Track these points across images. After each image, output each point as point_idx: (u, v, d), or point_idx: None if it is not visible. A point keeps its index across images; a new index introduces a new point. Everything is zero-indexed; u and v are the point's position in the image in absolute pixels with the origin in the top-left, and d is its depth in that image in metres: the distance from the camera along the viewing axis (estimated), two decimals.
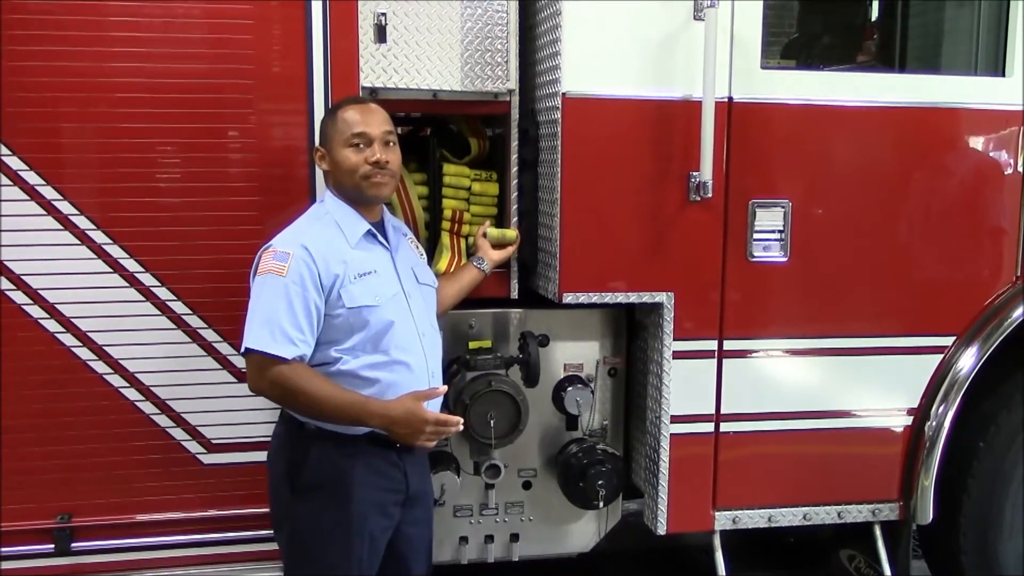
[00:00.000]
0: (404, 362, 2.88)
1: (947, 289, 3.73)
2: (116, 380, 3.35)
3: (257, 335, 2.72)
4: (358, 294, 2.80)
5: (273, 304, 2.72)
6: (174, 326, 3.36)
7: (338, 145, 2.91)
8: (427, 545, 3.20)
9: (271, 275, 2.74)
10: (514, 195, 3.65)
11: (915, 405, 3.76)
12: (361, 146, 2.89)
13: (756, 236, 3.53)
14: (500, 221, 3.75)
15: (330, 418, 2.78)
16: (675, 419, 3.58)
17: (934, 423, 3.72)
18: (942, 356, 3.74)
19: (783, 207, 3.53)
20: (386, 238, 3.01)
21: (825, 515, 3.77)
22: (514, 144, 3.63)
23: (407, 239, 3.19)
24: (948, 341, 3.74)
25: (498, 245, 3.59)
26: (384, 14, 3.40)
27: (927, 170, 3.66)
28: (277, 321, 2.70)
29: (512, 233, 3.62)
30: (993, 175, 3.71)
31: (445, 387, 2.96)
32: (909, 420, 3.77)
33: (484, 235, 3.58)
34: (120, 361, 3.35)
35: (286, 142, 3.38)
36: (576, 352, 3.80)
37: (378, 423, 2.76)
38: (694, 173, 3.39)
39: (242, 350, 2.76)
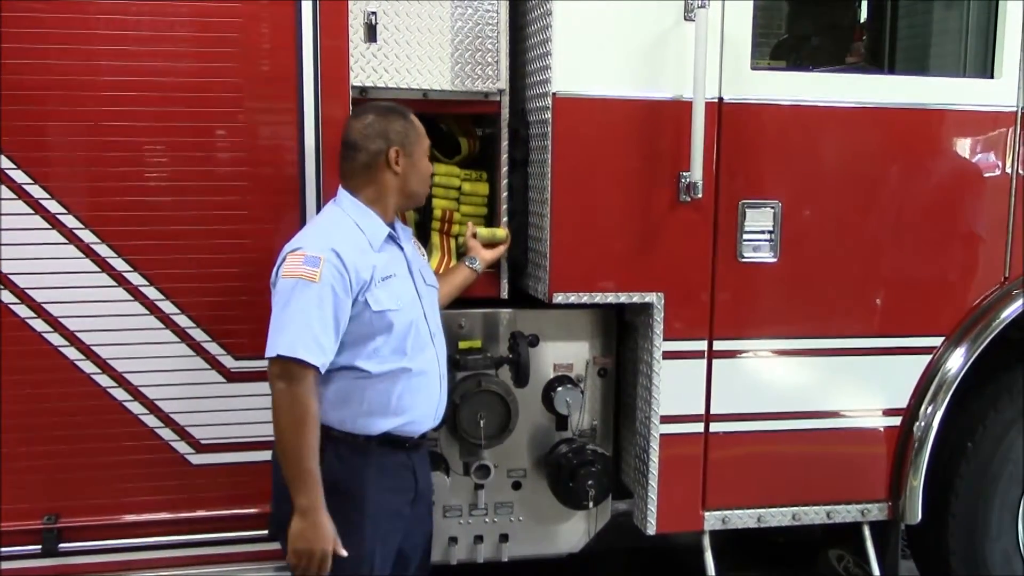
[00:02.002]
0: (422, 363, 2.91)
1: (936, 290, 3.75)
2: (104, 380, 3.33)
3: (291, 342, 2.67)
4: (384, 298, 2.81)
5: (307, 311, 2.68)
6: (163, 326, 3.34)
7: (421, 153, 3.00)
8: (427, 541, 3.21)
9: (303, 281, 2.70)
10: (504, 195, 3.65)
11: (904, 405, 3.78)
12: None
13: (746, 237, 3.54)
14: (490, 221, 3.75)
15: (291, 454, 2.69)
16: (665, 419, 3.58)
17: (922, 423, 3.74)
18: (931, 357, 3.76)
19: (773, 208, 3.54)
20: (398, 240, 3.03)
21: (814, 515, 3.78)
22: (504, 144, 3.63)
23: (412, 241, 3.20)
24: (937, 342, 3.76)
25: (489, 244, 3.59)
26: (375, 13, 3.40)
27: (916, 171, 3.67)
28: (311, 329, 2.68)
29: (502, 232, 3.62)
30: (981, 176, 3.73)
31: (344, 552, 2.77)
32: (898, 420, 3.78)
33: (474, 235, 3.57)
34: (108, 361, 3.32)
35: (275, 141, 3.37)
36: (566, 352, 3.80)
37: (304, 502, 2.67)
38: (684, 173, 3.39)
39: (271, 354, 2.70)
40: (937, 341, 3.76)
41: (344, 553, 2.74)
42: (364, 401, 2.82)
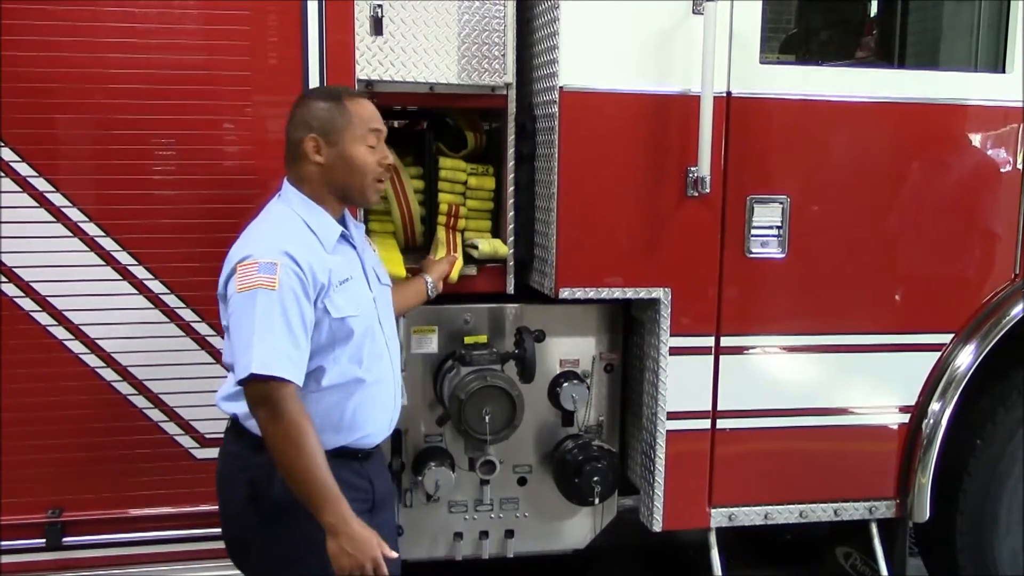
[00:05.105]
0: (377, 372, 2.73)
1: (945, 286, 3.72)
2: (109, 374, 3.32)
3: (263, 360, 2.45)
4: (342, 303, 2.62)
5: (271, 323, 2.47)
6: (167, 319, 3.33)
7: (352, 140, 2.68)
8: (393, 544, 2.92)
9: (262, 290, 2.47)
10: (510, 189, 3.63)
11: (912, 403, 3.75)
12: (375, 145, 2.71)
13: (754, 232, 3.52)
14: (496, 216, 3.74)
15: (299, 475, 2.48)
16: (671, 415, 3.57)
17: (931, 421, 3.72)
18: (940, 353, 3.74)
19: (781, 203, 3.52)
20: (352, 240, 2.82)
21: (822, 512, 3.76)
22: (511, 138, 3.61)
23: (364, 237, 2.97)
24: (946, 338, 3.73)
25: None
26: (380, 6, 3.38)
27: (926, 166, 3.64)
28: (280, 342, 2.47)
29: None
30: (992, 172, 3.70)
31: (395, 554, 2.60)
32: (906, 417, 3.76)
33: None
34: (113, 355, 3.32)
35: (282, 135, 3.34)
36: (572, 348, 3.79)
37: (331, 519, 2.47)
38: (692, 168, 3.37)
39: (243, 376, 2.47)
40: (946, 338, 3.73)
41: (394, 555, 2.55)
42: (316, 416, 2.57)
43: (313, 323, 2.56)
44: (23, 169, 3.19)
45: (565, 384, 3.70)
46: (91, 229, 3.25)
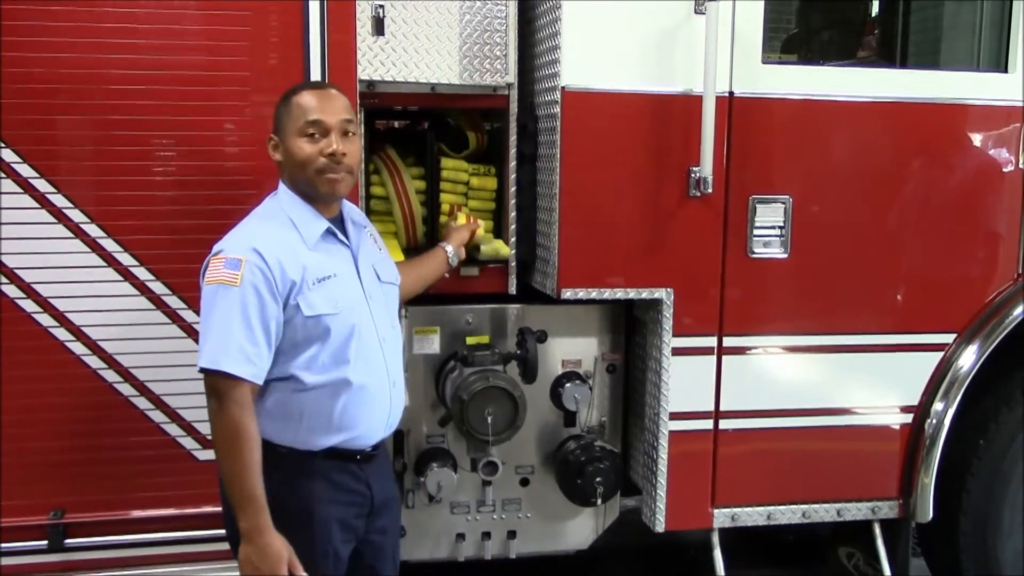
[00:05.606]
0: (365, 373, 2.70)
1: (948, 286, 3.72)
2: (111, 376, 3.31)
3: (213, 354, 2.50)
4: (317, 302, 2.60)
5: (228, 318, 2.50)
6: (169, 321, 3.32)
7: (291, 134, 2.69)
8: (394, 550, 3.02)
9: (223, 285, 2.52)
10: (512, 190, 3.63)
11: (915, 403, 3.75)
12: (316, 136, 2.67)
13: (756, 232, 3.51)
14: (498, 215, 3.73)
15: (227, 474, 2.52)
16: (674, 416, 3.56)
17: (934, 421, 3.71)
18: (942, 353, 3.73)
19: (784, 203, 3.51)
20: (346, 235, 2.80)
21: (824, 513, 3.76)
22: (512, 138, 3.61)
23: (367, 233, 2.95)
24: (949, 338, 3.73)
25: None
26: (382, 6, 3.38)
27: (928, 166, 3.64)
28: (234, 337, 2.49)
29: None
30: (994, 172, 3.69)
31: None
32: (909, 418, 3.76)
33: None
34: (115, 356, 3.31)
35: None
36: (574, 348, 3.78)
37: (246, 525, 2.50)
38: (694, 168, 3.37)
39: (198, 369, 2.55)
40: (949, 338, 3.73)
41: None
42: (303, 416, 2.64)
43: (280, 320, 2.57)
44: (24, 170, 3.18)
45: (567, 385, 3.70)
46: (92, 230, 3.25)
